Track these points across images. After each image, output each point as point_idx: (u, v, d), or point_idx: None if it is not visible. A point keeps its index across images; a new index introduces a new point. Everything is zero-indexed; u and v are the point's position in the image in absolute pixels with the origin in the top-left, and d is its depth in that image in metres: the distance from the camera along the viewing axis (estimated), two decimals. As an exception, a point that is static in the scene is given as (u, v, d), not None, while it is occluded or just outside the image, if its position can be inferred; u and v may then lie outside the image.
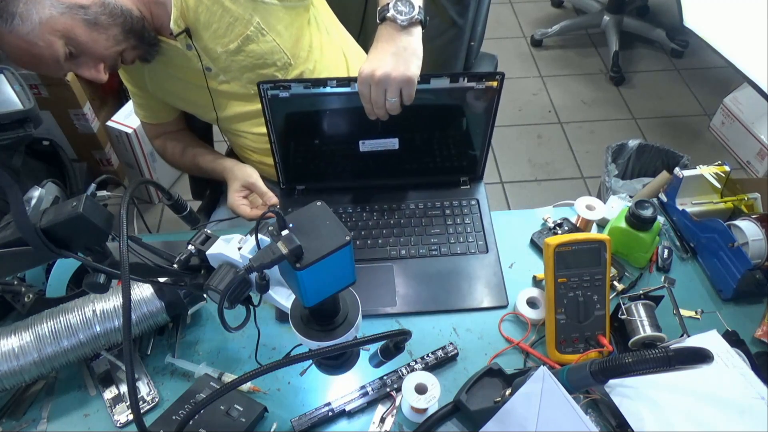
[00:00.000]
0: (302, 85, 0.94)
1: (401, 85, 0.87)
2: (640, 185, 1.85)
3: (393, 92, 0.88)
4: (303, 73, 1.09)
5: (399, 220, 1.04)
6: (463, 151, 1.08)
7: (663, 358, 0.63)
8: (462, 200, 1.08)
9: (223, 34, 1.00)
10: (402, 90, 0.88)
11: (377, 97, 0.89)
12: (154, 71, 1.09)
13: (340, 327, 0.64)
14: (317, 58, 1.11)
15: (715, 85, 2.63)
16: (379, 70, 0.86)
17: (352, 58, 1.20)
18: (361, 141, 1.02)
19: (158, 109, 1.19)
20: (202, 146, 1.23)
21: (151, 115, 1.21)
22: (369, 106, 0.92)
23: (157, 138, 1.25)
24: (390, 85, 0.87)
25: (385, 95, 0.89)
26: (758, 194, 1.03)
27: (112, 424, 0.81)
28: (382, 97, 0.89)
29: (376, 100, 0.89)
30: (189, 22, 0.99)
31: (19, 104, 1.27)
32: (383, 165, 1.07)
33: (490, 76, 0.96)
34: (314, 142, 1.03)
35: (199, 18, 0.98)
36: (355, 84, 0.90)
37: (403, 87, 0.88)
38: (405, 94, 0.89)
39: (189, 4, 0.97)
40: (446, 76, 0.95)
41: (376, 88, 0.88)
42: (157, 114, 1.20)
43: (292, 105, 0.97)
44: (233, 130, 1.16)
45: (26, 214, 0.56)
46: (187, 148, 1.22)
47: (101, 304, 0.83)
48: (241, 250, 0.62)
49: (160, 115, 1.21)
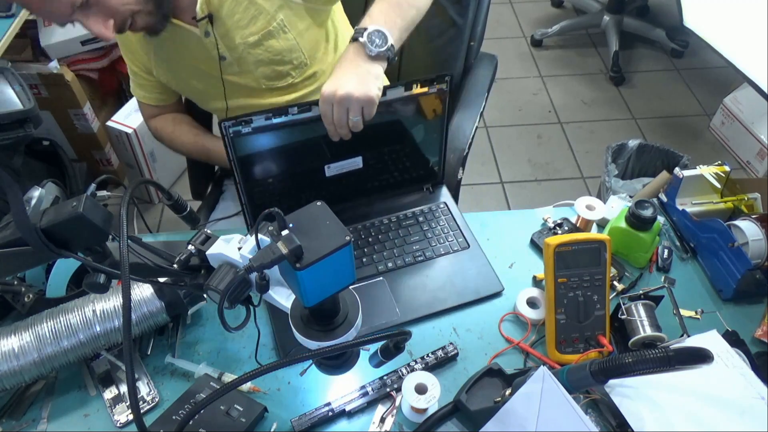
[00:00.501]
0: (263, 116, 0.92)
1: (363, 104, 0.86)
2: (640, 185, 1.85)
3: (355, 111, 0.87)
4: (316, 74, 1.09)
5: (377, 236, 1.05)
6: (423, 159, 1.11)
7: (663, 358, 0.63)
8: (431, 205, 1.10)
9: (245, 25, 1.00)
10: (363, 109, 0.87)
11: (340, 117, 0.87)
12: (161, 55, 1.08)
13: (340, 327, 0.64)
14: (331, 60, 1.12)
15: (715, 85, 2.63)
16: (341, 89, 0.85)
17: None
18: (327, 166, 1.02)
19: (160, 91, 1.18)
20: (205, 129, 1.21)
21: (150, 97, 1.19)
22: (332, 128, 0.89)
23: (153, 118, 1.23)
24: (352, 104, 0.86)
25: (347, 114, 0.87)
26: (758, 194, 1.03)
27: (112, 424, 0.81)
28: (345, 116, 0.87)
29: (339, 119, 0.88)
30: (213, 8, 0.99)
31: (19, 104, 1.27)
32: (351, 186, 1.07)
33: (440, 78, 0.98)
34: (280, 175, 1.02)
35: (223, 5, 0.99)
36: (317, 108, 0.89)
37: (365, 106, 0.87)
38: (366, 113, 0.88)
39: None
40: (400, 85, 0.96)
41: (339, 108, 0.86)
42: (157, 96, 1.19)
43: (255, 140, 0.95)
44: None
45: (26, 214, 0.56)
46: (190, 128, 1.20)
47: (101, 304, 0.83)
48: (241, 250, 0.62)
49: (161, 98, 1.19)
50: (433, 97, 1.00)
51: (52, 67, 1.85)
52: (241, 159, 0.95)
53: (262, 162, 0.99)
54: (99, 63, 2.04)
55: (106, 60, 2.05)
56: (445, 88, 1.00)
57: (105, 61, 2.05)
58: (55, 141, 1.76)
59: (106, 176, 0.69)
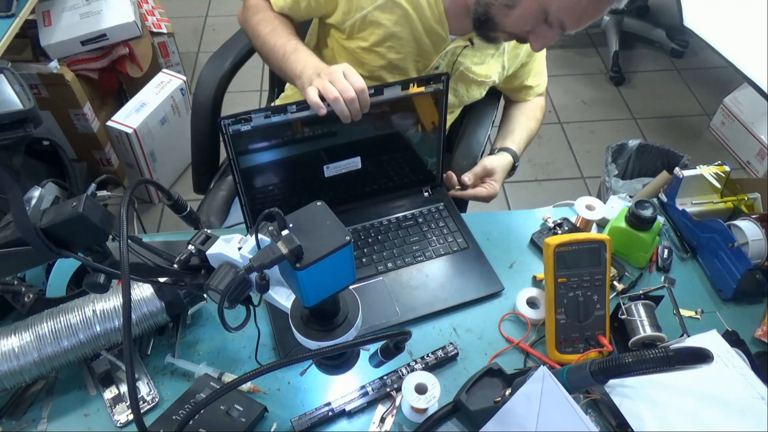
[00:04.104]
0: (263, 114, 0.92)
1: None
2: (640, 185, 1.85)
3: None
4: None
5: (377, 237, 1.05)
6: (421, 162, 1.11)
7: (663, 358, 0.63)
8: (431, 207, 1.10)
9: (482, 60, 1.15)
10: (358, 96, 0.88)
11: (340, 82, 0.87)
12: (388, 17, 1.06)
13: (340, 327, 0.64)
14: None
15: (715, 85, 2.63)
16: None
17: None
18: (326, 166, 1.02)
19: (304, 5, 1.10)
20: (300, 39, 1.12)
21: (290, 6, 1.11)
22: (340, 105, 0.88)
23: (262, 11, 1.13)
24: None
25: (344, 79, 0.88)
26: (758, 194, 1.03)
27: (112, 424, 0.81)
28: (343, 79, 0.88)
29: (342, 84, 0.87)
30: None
31: (19, 104, 1.27)
32: (350, 188, 1.07)
33: (436, 78, 0.98)
34: (280, 176, 1.02)
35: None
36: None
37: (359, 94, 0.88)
38: (361, 99, 0.88)
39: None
40: (397, 85, 0.96)
41: (328, 75, 0.88)
42: (292, 5, 1.10)
43: (254, 139, 0.94)
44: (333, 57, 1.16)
45: (26, 214, 0.56)
46: (290, 30, 1.10)
47: (101, 304, 0.83)
48: (241, 250, 0.62)
49: (294, 7, 1.11)
50: (430, 96, 1.00)
51: (52, 67, 1.85)
52: (241, 157, 0.95)
53: (261, 161, 0.99)
54: (99, 63, 2.04)
55: (106, 60, 2.06)
56: (441, 88, 1.00)
57: (105, 61, 2.05)
58: (55, 141, 1.76)
59: (106, 176, 0.69)
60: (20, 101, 1.26)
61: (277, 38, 1.05)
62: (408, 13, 1.04)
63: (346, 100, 0.88)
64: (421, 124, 1.05)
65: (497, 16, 0.97)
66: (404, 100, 0.99)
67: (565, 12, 0.91)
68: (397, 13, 1.04)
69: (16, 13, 1.60)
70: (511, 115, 1.33)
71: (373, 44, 1.08)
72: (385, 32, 1.06)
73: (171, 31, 2.40)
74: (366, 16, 1.05)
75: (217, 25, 3.00)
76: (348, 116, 0.89)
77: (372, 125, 1.00)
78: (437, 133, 1.07)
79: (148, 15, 2.37)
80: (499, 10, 0.96)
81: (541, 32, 0.96)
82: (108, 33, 2.00)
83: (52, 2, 2.02)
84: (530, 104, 1.34)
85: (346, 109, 0.88)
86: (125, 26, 2.03)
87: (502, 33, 1.01)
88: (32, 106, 1.27)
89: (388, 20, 1.05)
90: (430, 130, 1.07)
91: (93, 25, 1.98)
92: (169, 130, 2.11)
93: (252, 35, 1.12)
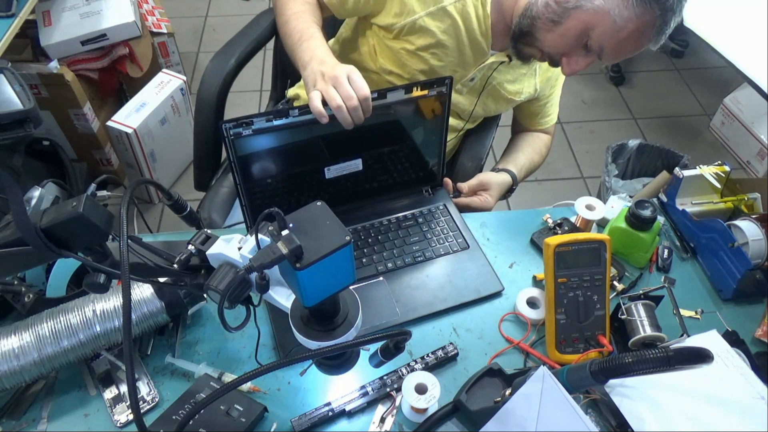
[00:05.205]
0: (264, 118, 0.91)
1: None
2: (640, 185, 1.85)
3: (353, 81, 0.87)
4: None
5: (377, 237, 1.05)
6: (423, 162, 1.11)
7: (663, 358, 0.63)
8: (430, 207, 1.10)
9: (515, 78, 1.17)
10: (361, 104, 0.87)
11: (343, 88, 0.86)
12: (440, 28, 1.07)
13: (340, 327, 0.64)
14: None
15: (715, 85, 2.63)
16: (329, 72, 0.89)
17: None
18: (326, 168, 1.02)
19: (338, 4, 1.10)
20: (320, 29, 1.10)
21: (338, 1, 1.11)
22: (343, 113, 0.87)
23: None
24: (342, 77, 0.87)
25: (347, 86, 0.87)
26: (758, 194, 1.03)
27: (112, 424, 0.81)
28: (347, 86, 0.86)
29: (346, 91, 0.86)
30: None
31: (19, 104, 1.27)
32: (350, 189, 1.07)
33: (440, 81, 0.98)
34: (280, 177, 1.02)
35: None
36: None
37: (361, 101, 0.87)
38: (364, 107, 0.88)
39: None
40: (401, 88, 0.96)
41: (333, 79, 0.87)
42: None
43: (255, 142, 0.94)
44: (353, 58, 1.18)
45: (26, 214, 0.56)
46: (314, 18, 1.09)
47: (101, 304, 0.83)
48: (241, 250, 0.62)
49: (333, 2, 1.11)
50: (433, 99, 1.00)
51: (52, 67, 1.85)
52: (242, 160, 0.95)
53: (262, 163, 0.99)
54: (99, 63, 2.04)
55: (106, 60, 2.06)
56: (444, 91, 1.00)
57: (105, 61, 2.05)
58: (55, 141, 1.76)
59: (106, 176, 0.69)
60: (20, 101, 1.26)
61: (298, 22, 1.04)
62: (457, 23, 1.05)
63: (350, 109, 0.87)
64: (423, 126, 1.05)
65: (540, 31, 0.98)
66: (408, 102, 0.99)
67: (606, 38, 0.93)
68: (447, 22, 1.05)
69: (16, 13, 1.60)
70: (518, 144, 1.35)
71: (419, 48, 1.09)
72: (433, 39, 1.07)
73: (171, 31, 2.40)
74: (416, 21, 1.06)
75: (217, 25, 3.01)
76: (350, 124, 0.89)
77: (374, 126, 0.99)
78: (439, 133, 1.07)
79: (148, 15, 2.37)
80: (544, 25, 0.96)
81: (576, 56, 0.98)
82: (108, 33, 2.00)
83: (52, 2, 2.02)
84: (538, 139, 1.36)
85: (348, 117, 0.88)
86: (125, 26, 2.03)
87: (538, 51, 1.02)
88: (32, 106, 1.27)
89: (437, 28, 1.06)
90: (432, 131, 1.07)
91: (93, 25, 1.98)
92: (169, 130, 2.11)
93: (278, 11, 1.10)
